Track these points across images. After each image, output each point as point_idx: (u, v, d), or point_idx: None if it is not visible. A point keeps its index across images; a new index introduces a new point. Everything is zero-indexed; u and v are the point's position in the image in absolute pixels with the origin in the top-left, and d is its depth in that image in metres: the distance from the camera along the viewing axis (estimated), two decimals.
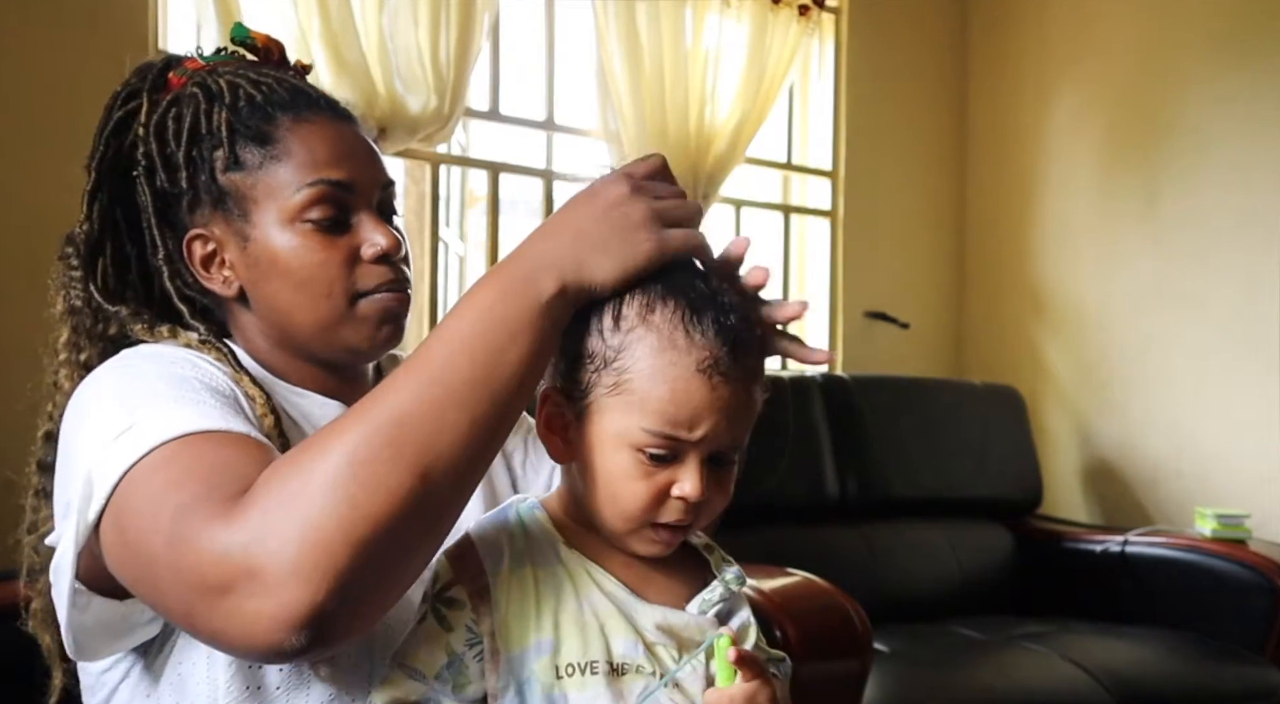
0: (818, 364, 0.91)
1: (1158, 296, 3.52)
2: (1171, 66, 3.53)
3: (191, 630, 0.75)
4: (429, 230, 2.94)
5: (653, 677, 0.80)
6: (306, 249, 0.93)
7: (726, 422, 0.80)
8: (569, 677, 0.79)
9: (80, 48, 2.33)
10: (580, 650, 0.79)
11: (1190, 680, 2.59)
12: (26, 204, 2.22)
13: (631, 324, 0.80)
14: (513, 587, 0.81)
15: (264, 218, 0.93)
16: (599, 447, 0.81)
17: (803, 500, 3.00)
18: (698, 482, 0.80)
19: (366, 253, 0.94)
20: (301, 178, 0.93)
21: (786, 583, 2.15)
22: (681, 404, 0.78)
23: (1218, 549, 2.89)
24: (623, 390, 0.79)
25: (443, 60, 2.69)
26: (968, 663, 2.57)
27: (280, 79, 0.98)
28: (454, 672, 0.80)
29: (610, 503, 0.82)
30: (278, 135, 0.94)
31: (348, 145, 0.96)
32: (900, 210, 3.94)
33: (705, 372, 0.78)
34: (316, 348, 0.96)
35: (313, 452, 0.72)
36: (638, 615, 0.82)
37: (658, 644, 0.82)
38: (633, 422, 0.79)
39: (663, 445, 0.79)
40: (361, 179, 0.95)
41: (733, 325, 0.80)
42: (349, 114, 1.00)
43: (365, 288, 0.94)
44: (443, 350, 0.76)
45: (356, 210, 0.95)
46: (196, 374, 0.87)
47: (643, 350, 0.79)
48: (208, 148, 0.94)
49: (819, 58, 3.74)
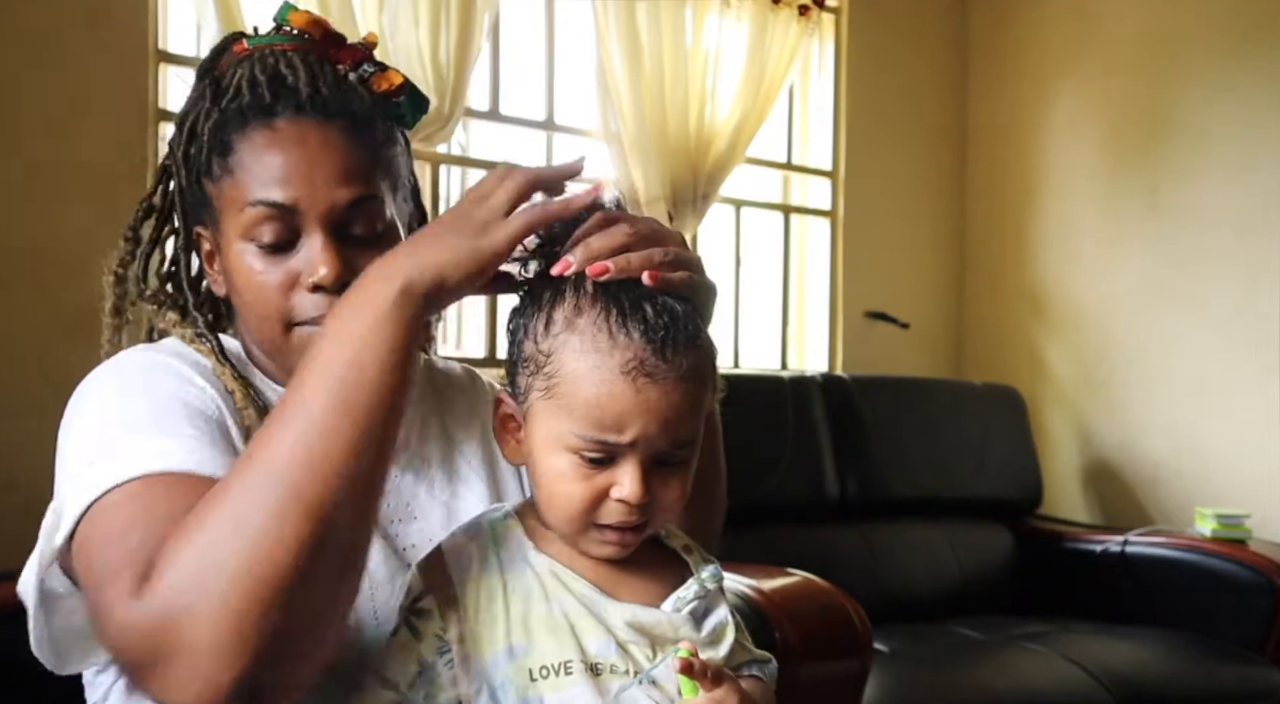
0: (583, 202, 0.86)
1: (1158, 297, 3.52)
2: (1172, 66, 3.53)
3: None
4: None
5: (628, 675, 0.80)
6: (250, 270, 0.91)
7: (658, 423, 0.79)
8: (544, 679, 0.79)
9: (80, 48, 2.33)
10: (553, 652, 0.80)
11: (1190, 680, 2.59)
12: (27, 204, 2.21)
13: (559, 328, 0.81)
14: (481, 594, 0.82)
15: (228, 229, 0.93)
16: (539, 449, 0.82)
17: (803, 500, 3.00)
18: (636, 484, 0.79)
19: (305, 280, 0.90)
20: (246, 195, 0.90)
21: (786, 583, 2.15)
22: (606, 407, 0.78)
23: (1218, 549, 2.89)
24: (554, 394, 0.80)
25: (443, 60, 2.69)
26: (968, 663, 2.57)
27: (284, 73, 0.93)
28: (426, 680, 0.81)
29: (550, 504, 0.83)
30: (237, 146, 0.91)
31: (307, 159, 0.90)
32: (900, 210, 3.94)
33: (629, 374, 0.78)
34: (271, 362, 0.97)
35: (206, 518, 0.71)
36: (607, 614, 0.82)
37: (630, 642, 0.82)
38: (565, 426, 0.80)
39: (595, 449, 0.79)
40: (310, 200, 0.90)
41: (661, 325, 0.79)
42: (343, 112, 0.93)
43: (300, 318, 0.91)
44: (304, 384, 0.75)
45: (306, 230, 0.91)
46: (182, 391, 0.87)
47: (568, 354, 0.80)
48: (198, 149, 0.94)
49: (819, 58, 3.74)
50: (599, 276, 0.81)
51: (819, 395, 3.10)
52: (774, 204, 3.73)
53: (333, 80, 0.95)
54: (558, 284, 0.83)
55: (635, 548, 0.85)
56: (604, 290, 0.81)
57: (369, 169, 0.93)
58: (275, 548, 0.69)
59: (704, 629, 0.86)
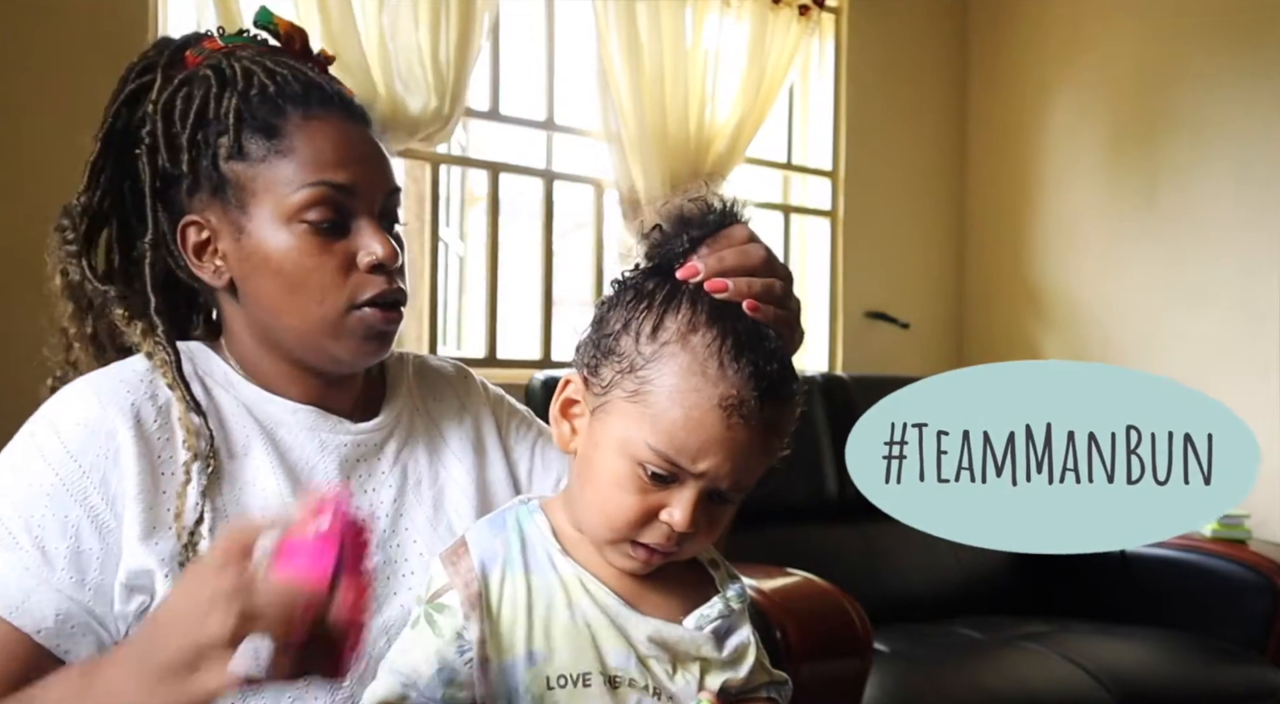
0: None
1: (1158, 296, 3.52)
2: (1171, 65, 3.53)
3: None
4: (429, 230, 2.94)
5: (646, 690, 0.79)
6: (301, 251, 0.90)
7: (732, 463, 0.78)
8: (560, 688, 0.78)
9: (80, 48, 2.33)
10: (571, 662, 0.78)
11: (1190, 680, 2.59)
12: (27, 204, 2.21)
13: (669, 337, 0.78)
14: (505, 594, 0.80)
15: (261, 212, 0.91)
16: (603, 447, 0.80)
17: (803, 500, 3.00)
18: (688, 512, 0.78)
19: (362, 261, 0.91)
20: (304, 176, 0.90)
21: (786, 583, 2.15)
22: (692, 433, 0.76)
23: (1218, 549, 2.89)
24: (640, 400, 0.78)
25: (443, 60, 2.69)
26: (968, 663, 2.57)
27: (297, 71, 0.95)
28: (444, 679, 0.79)
29: (598, 508, 0.81)
30: (285, 129, 0.91)
31: (355, 148, 0.93)
32: (900, 210, 3.94)
33: (726, 409, 0.76)
34: (299, 351, 0.94)
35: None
36: (630, 627, 0.81)
37: (650, 657, 0.81)
38: (641, 434, 0.77)
39: (663, 467, 0.78)
40: (364, 184, 0.92)
41: (769, 372, 0.78)
42: (363, 115, 0.97)
43: (359, 298, 0.91)
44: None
45: (356, 215, 0.92)
46: (69, 484, 0.86)
47: (671, 367, 0.77)
48: (214, 133, 0.92)
49: (819, 58, 3.74)
50: (716, 293, 0.79)
51: (819, 395, 3.10)
52: (774, 204, 3.73)
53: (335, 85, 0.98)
54: (674, 287, 0.81)
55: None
56: (724, 315, 0.78)
57: (390, 166, 0.97)
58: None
59: (725, 649, 0.84)
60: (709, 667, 0.83)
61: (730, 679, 0.84)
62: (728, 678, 0.84)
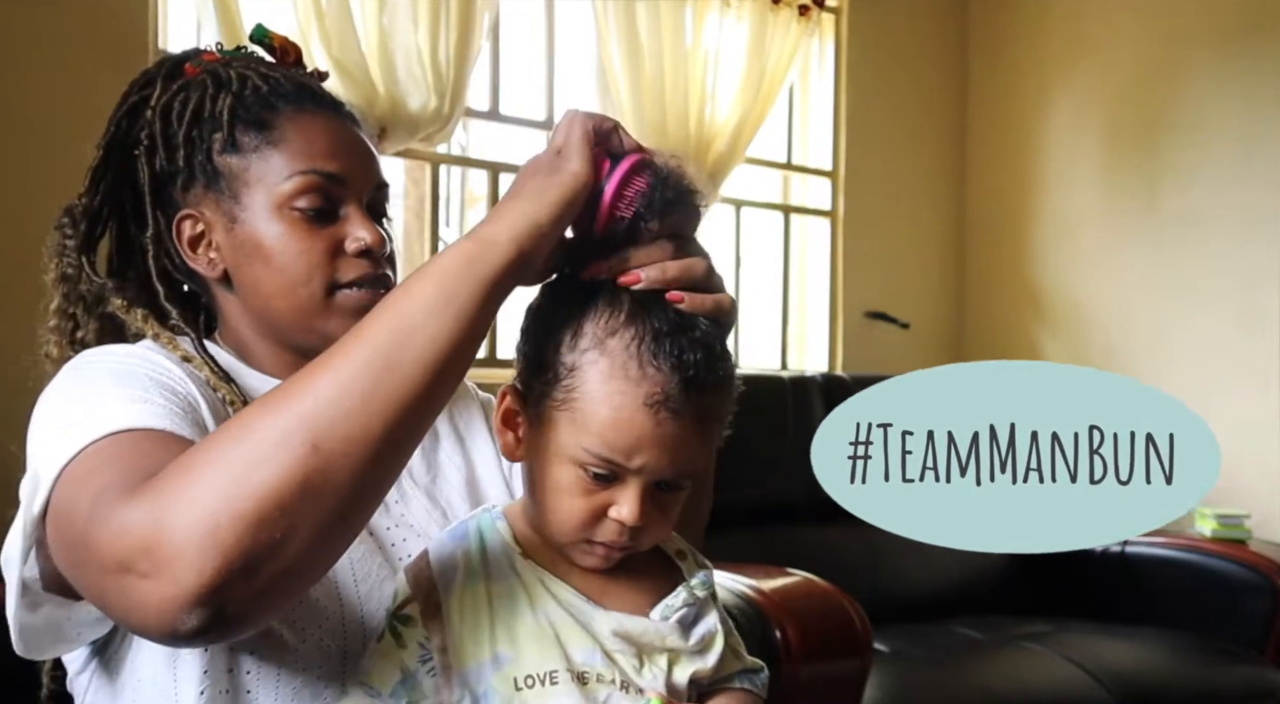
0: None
1: (1158, 295, 3.52)
2: (1171, 64, 3.53)
3: (105, 612, 0.75)
4: (429, 230, 2.94)
5: (614, 684, 0.80)
6: (290, 236, 0.93)
7: (669, 455, 0.79)
8: (529, 688, 0.79)
9: (80, 48, 2.33)
10: (538, 662, 0.79)
11: (1190, 680, 2.59)
12: (27, 203, 2.21)
13: (588, 344, 0.79)
14: (465, 602, 0.81)
15: (253, 201, 0.94)
16: (543, 455, 0.81)
17: (803, 500, 2.97)
18: (635, 508, 0.79)
19: (350, 246, 0.94)
20: (294, 165, 0.94)
21: (786, 583, 2.15)
22: (623, 433, 0.77)
23: (1218, 549, 2.89)
24: (570, 407, 0.79)
25: (443, 60, 2.69)
26: (968, 663, 2.57)
27: (289, 76, 0.99)
28: (408, 688, 0.80)
29: (549, 513, 0.82)
30: (277, 122, 0.95)
31: (345, 142, 0.97)
32: (900, 210, 3.94)
33: (652, 406, 0.77)
34: (292, 334, 0.96)
35: (218, 434, 0.72)
36: (594, 623, 0.82)
37: (616, 651, 0.81)
38: (576, 439, 0.79)
39: (602, 467, 0.79)
40: (354, 175, 0.96)
41: (692, 362, 0.78)
42: (352, 116, 1.01)
43: (344, 280, 0.94)
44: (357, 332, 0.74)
45: (345, 204, 0.96)
46: (147, 369, 0.88)
47: (594, 374, 0.78)
48: (208, 130, 0.95)
49: (819, 58, 3.74)
50: (630, 285, 0.80)
51: (819, 395, 3.09)
52: (774, 204, 3.73)
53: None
54: (588, 290, 0.81)
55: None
56: (640, 313, 0.79)
57: (379, 163, 1.01)
58: (267, 465, 0.69)
59: (692, 638, 0.85)
60: (676, 657, 0.84)
61: (699, 669, 0.85)
62: (696, 668, 0.84)
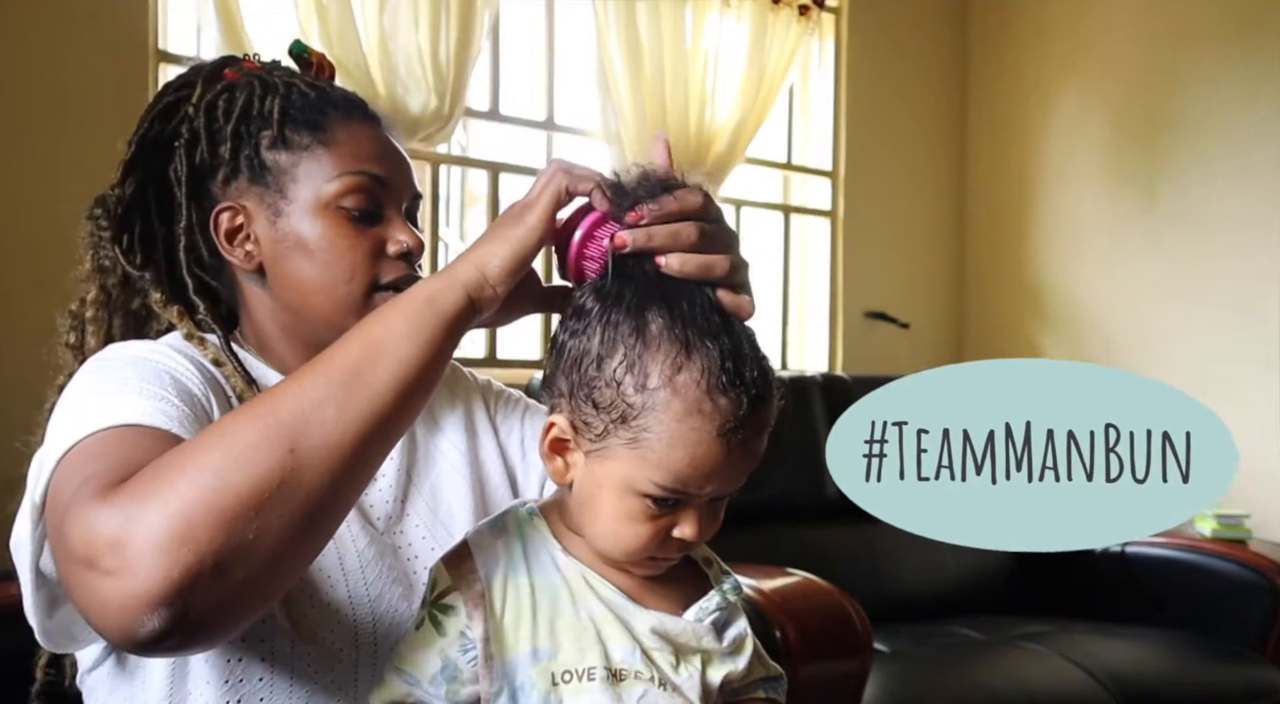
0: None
1: (1158, 295, 3.52)
2: (1171, 65, 3.53)
3: (77, 608, 0.74)
4: (429, 230, 2.94)
5: (651, 682, 0.81)
6: (336, 234, 0.95)
7: (737, 476, 0.81)
8: (565, 683, 0.79)
9: (80, 47, 2.33)
10: (577, 657, 0.80)
11: (1190, 680, 2.59)
12: (27, 203, 2.21)
13: (657, 384, 0.77)
14: (508, 594, 0.81)
15: (300, 196, 0.96)
16: (605, 487, 0.81)
17: (803, 500, 3.00)
18: (699, 527, 0.81)
19: (391, 249, 0.97)
20: (344, 166, 0.96)
21: (786, 583, 2.15)
22: (699, 467, 0.78)
23: (1218, 549, 2.89)
24: (642, 445, 0.78)
25: (443, 60, 2.69)
26: (968, 663, 2.57)
27: (334, 88, 1.03)
28: (447, 676, 0.81)
29: (610, 540, 0.82)
30: (328, 125, 0.98)
31: (391, 150, 1.01)
32: (900, 210, 3.94)
33: (725, 436, 0.78)
34: (322, 332, 0.95)
35: (200, 436, 0.73)
36: (634, 621, 0.82)
37: (654, 650, 0.82)
38: (645, 474, 0.78)
39: (671, 497, 0.79)
40: (397, 181, 0.99)
41: (753, 381, 0.79)
42: (391, 130, 1.04)
43: (384, 280, 0.96)
44: (337, 347, 0.78)
45: (388, 208, 0.98)
46: (170, 367, 0.89)
47: (667, 416, 0.77)
48: (256, 126, 0.97)
49: (819, 58, 3.74)
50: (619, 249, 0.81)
51: (819, 395, 3.09)
52: (774, 204, 3.74)
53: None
54: (639, 315, 0.79)
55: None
56: (697, 341, 0.78)
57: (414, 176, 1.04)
58: (247, 465, 0.70)
59: (725, 640, 0.86)
60: (710, 658, 0.85)
61: (731, 671, 0.85)
62: (728, 670, 0.85)
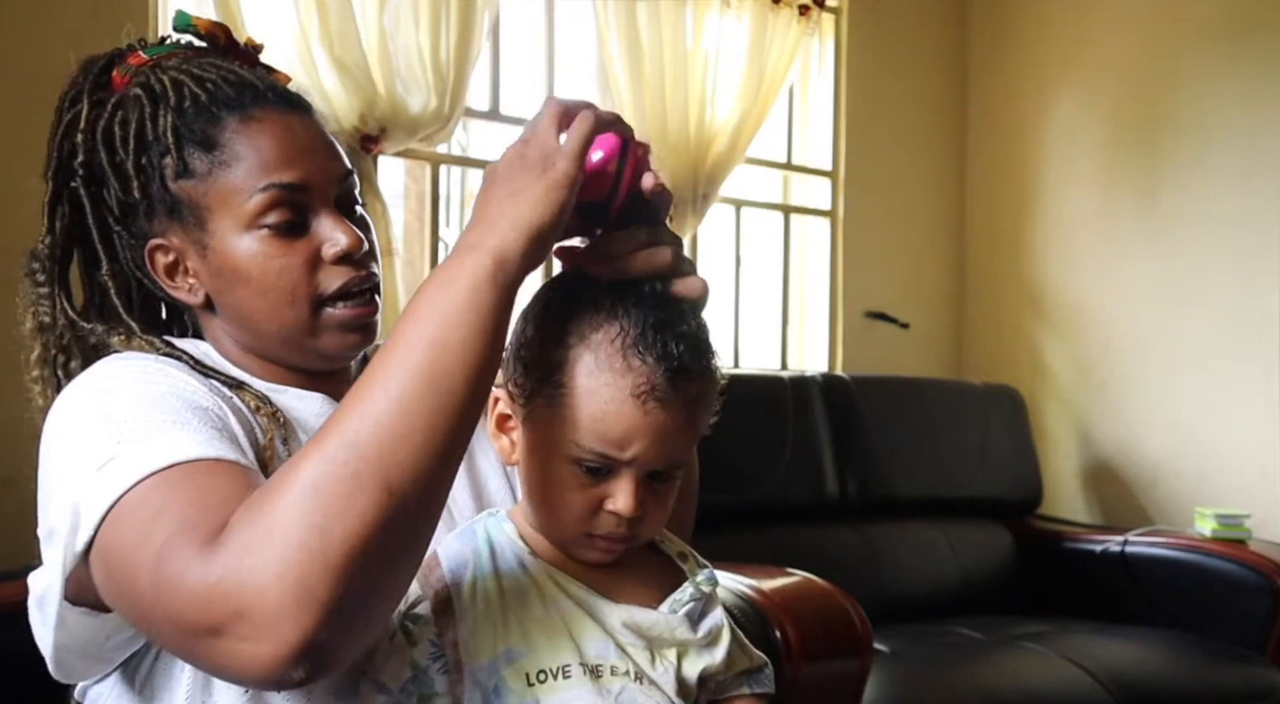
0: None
1: (1158, 296, 3.52)
2: (1171, 65, 3.53)
3: (194, 666, 0.76)
4: (429, 230, 2.94)
5: (628, 676, 0.81)
6: (265, 255, 0.90)
7: (660, 445, 0.81)
8: (540, 683, 0.80)
9: (80, 47, 2.33)
10: (550, 656, 0.80)
11: (1190, 680, 2.59)
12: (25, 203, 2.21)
13: (573, 341, 0.80)
14: (476, 599, 0.82)
15: (220, 225, 0.90)
16: (537, 453, 0.83)
17: (803, 500, 3.00)
18: (630, 498, 0.81)
19: (328, 253, 0.91)
20: (253, 182, 0.89)
21: (786, 583, 2.15)
22: (613, 425, 0.79)
23: (1218, 549, 2.89)
24: (559, 404, 0.80)
25: (443, 60, 2.69)
26: (968, 663, 2.57)
27: (226, 72, 0.94)
28: (418, 684, 0.81)
29: (547, 510, 0.84)
30: (223, 139, 0.90)
31: (298, 141, 0.92)
32: (900, 210, 3.94)
33: (639, 397, 0.79)
34: (285, 354, 0.94)
35: (280, 485, 0.71)
36: (605, 615, 0.83)
37: (628, 644, 0.83)
38: (567, 435, 0.80)
39: (595, 460, 0.80)
40: (316, 177, 0.92)
41: (675, 353, 0.80)
42: (301, 102, 0.96)
43: (329, 291, 0.92)
44: (391, 358, 0.74)
45: (314, 210, 0.92)
46: (174, 388, 0.85)
47: (580, 369, 0.80)
48: (156, 155, 0.91)
49: (819, 58, 3.74)
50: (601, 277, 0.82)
51: (819, 395, 3.10)
52: (774, 204, 3.73)
53: (269, 77, 0.97)
54: (575, 287, 0.83)
55: (626, 553, 0.86)
56: (623, 307, 0.81)
57: (339, 149, 0.97)
58: (348, 516, 0.69)
59: (700, 631, 0.86)
60: (686, 650, 0.85)
61: (709, 664, 0.86)
62: (706, 663, 0.86)
